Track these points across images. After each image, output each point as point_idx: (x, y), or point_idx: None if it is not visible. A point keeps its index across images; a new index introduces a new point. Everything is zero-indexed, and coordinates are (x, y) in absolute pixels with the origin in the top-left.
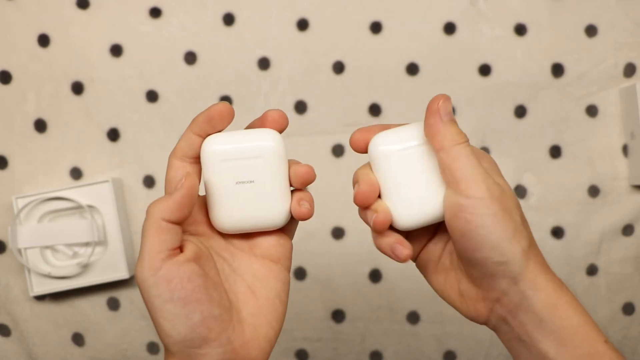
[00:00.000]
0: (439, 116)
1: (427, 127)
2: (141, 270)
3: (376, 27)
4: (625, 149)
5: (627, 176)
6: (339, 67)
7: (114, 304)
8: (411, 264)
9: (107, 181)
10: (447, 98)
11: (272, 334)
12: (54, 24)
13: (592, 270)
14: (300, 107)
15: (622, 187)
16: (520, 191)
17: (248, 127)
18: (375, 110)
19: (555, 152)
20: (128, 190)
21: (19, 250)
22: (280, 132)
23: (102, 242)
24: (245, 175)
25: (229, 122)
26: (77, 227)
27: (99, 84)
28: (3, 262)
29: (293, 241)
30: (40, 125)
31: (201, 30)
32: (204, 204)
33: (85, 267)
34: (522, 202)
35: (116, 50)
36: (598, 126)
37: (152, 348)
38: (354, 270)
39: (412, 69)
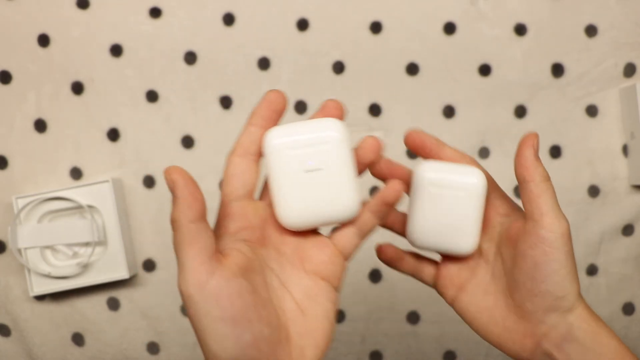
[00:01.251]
0: (534, 151)
1: (521, 158)
2: (186, 285)
3: (376, 27)
4: (625, 149)
5: (627, 176)
6: (339, 67)
7: (113, 304)
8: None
9: (107, 181)
10: (538, 138)
11: (319, 356)
12: (54, 24)
13: (592, 270)
14: (300, 107)
15: (622, 187)
16: None
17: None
18: (375, 110)
19: (555, 152)
20: (128, 190)
21: (19, 250)
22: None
23: (102, 242)
24: (312, 163)
25: (286, 106)
26: (77, 227)
27: (99, 84)
28: (3, 262)
29: None
30: (40, 125)
31: (201, 30)
32: (259, 205)
33: (85, 267)
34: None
35: (116, 50)
36: (598, 126)
37: (152, 348)
38: (354, 270)
39: (412, 69)
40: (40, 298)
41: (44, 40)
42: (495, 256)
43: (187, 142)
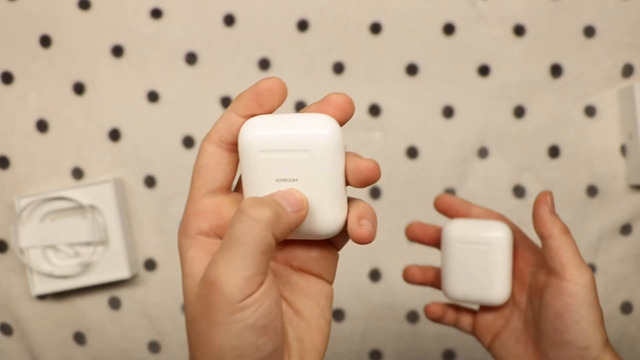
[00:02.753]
0: (548, 208)
1: (538, 216)
2: (232, 286)
3: (376, 28)
4: (623, 149)
5: (625, 176)
6: (339, 67)
7: (115, 303)
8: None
9: (108, 181)
10: (552, 195)
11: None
12: (56, 25)
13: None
14: (301, 107)
15: (620, 187)
16: (519, 191)
17: (303, 111)
18: (375, 110)
19: (554, 152)
20: (129, 190)
21: (21, 250)
22: (342, 122)
23: (103, 242)
24: (287, 171)
25: (281, 102)
26: (79, 226)
27: (100, 85)
28: (5, 262)
29: None
30: (42, 126)
31: (202, 31)
32: (236, 200)
33: (86, 267)
34: (521, 202)
35: (117, 51)
36: (596, 126)
37: (153, 347)
38: (354, 270)
39: (412, 70)
40: (42, 297)
41: (45, 41)
42: (527, 305)
43: (188, 142)
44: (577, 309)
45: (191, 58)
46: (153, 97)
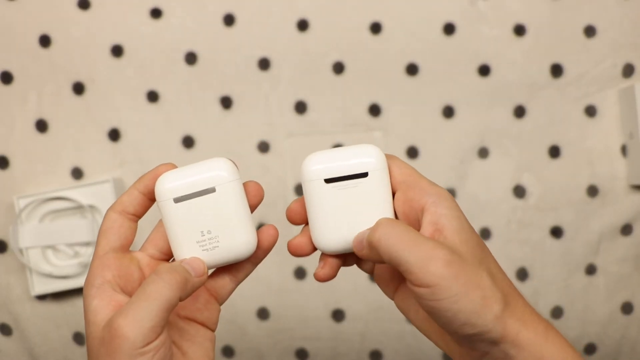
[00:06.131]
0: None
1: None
2: (137, 333)
3: (376, 27)
4: (624, 149)
5: (625, 176)
6: (339, 67)
7: None
8: None
9: (108, 181)
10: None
11: None
12: (55, 25)
13: (591, 270)
14: (300, 107)
15: (620, 187)
16: (520, 191)
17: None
18: (375, 110)
19: (555, 152)
20: None
21: (21, 250)
22: (256, 205)
23: None
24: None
25: None
26: (78, 226)
27: (100, 84)
28: (4, 262)
29: None
30: (42, 126)
31: (202, 30)
32: (135, 257)
33: (86, 267)
34: (521, 202)
35: (117, 51)
36: (597, 126)
37: None
38: (354, 269)
39: (412, 69)
40: (42, 298)
41: (45, 41)
42: None
43: (188, 142)
44: (445, 307)
45: (191, 58)
46: (153, 96)
